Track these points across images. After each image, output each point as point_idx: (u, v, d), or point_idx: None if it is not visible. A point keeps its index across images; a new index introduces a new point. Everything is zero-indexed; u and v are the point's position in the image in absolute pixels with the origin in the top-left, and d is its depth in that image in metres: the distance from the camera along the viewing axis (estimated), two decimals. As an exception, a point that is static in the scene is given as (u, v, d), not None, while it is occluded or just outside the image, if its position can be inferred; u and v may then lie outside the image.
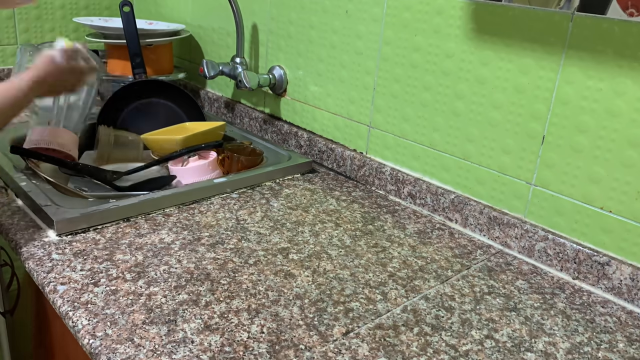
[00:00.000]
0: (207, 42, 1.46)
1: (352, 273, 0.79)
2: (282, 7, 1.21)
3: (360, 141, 1.12)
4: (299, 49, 1.20)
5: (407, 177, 1.02)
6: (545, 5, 0.80)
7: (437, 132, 0.97)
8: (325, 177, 1.13)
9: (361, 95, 1.09)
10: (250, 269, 0.78)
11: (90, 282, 0.71)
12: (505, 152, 0.89)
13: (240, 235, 0.86)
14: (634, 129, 0.74)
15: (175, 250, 0.81)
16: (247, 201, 0.98)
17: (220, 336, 0.64)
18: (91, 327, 0.64)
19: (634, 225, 0.77)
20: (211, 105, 1.48)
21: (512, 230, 0.89)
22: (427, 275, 0.80)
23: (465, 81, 0.91)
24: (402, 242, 0.89)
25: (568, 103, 0.80)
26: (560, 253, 0.83)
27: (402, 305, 0.73)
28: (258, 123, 1.33)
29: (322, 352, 0.63)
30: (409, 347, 0.65)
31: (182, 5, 1.51)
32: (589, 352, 0.68)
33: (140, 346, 0.61)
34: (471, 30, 0.89)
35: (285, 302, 0.71)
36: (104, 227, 0.85)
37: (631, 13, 0.71)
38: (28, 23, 1.52)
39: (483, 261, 0.86)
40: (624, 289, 0.78)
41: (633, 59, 0.73)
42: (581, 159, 0.80)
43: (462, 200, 0.94)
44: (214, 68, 1.26)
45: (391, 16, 1.00)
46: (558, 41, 0.79)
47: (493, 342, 0.68)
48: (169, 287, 0.72)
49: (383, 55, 1.03)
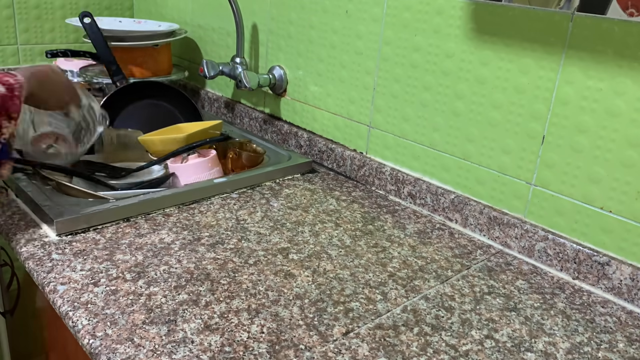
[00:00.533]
0: (207, 42, 1.46)
1: (352, 273, 0.79)
2: (282, 7, 1.21)
3: (360, 141, 1.12)
4: (299, 49, 1.20)
5: (407, 177, 1.02)
6: (545, 5, 0.80)
7: (437, 132, 0.97)
8: (325, 177, 1.13)
9: (361, 95, 1.09)
10: (250, 269, 0.78)
11: (90, 282, 0.71)
12: (505, 152, 0.89)
13: (240, 235, 0.86)
14: (634, 129, 0.74)
15: (175, 250, 0.81)
16: (247, 201, 0.98)
17: (220, 336, 0.64)
18: (91, 327, 0.64)
19: (634, 225, 0.77)
20: (211, 105, 1.48)
21: (512, 230, 0.89)
22: (427, 275, 0.80)
23: (465, 81, 0.91)
24: (402, 242, 0.89)
25: (568, 103, 0.80)
26: (560, 253, 0.83)
27: (402, 305, 0.73)
28: (258, 123, 1.33)
29: (322, 352, 0.63)
30: (409, 347, 0.65)
31: (182, 5, 1.51)
32: (589, 352, 0.68)
33: (140, 346, 0.61)
34: (471, 30, 0.89)
35: (285, 302, 0.71)
36: (104, 227, 0.85)
37: (631, 13, 0.71)
38: (28, 23, 1.52)
39: (483, 261, 0.86)
40: (624, 289, 0.78)
41: (633, 59, 0.73)
42: (581, 159, 0.80)
43: (462, 200, 0.94)
44: (214, 68, 1.26)
45: (391, 16, 1.00)
46: (558, 41, 0.79)
47: (493, 342, 0.68)
48: (169, 287, 0.72)
49: (383, 55, 1.03)
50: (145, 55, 1.35)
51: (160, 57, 1.39)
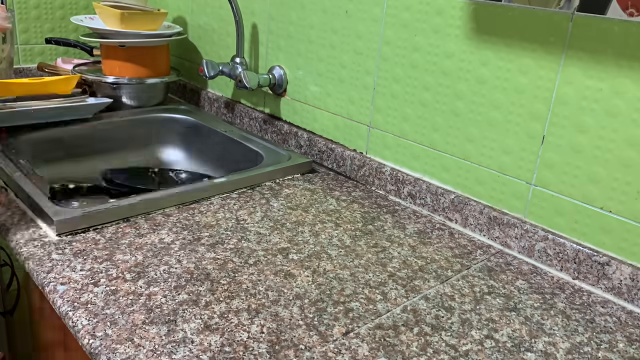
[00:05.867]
0: (207, 42, 1.46)
1: (352, 273, 0.79)
2: (282, 7, 1.21)
3: (360, 141, 1.12)
4: (298, 49, 1.20)
5: (407, 177, 1.02)
6: (545, 5, 0.80)
7: (437, 132, 0.98)
8: (325, 177, 1.13)
9: (361, 95, 1.09)
10: (250, 269, 0.78)
11: (90, 282, 0.71)
12: (505, 152, 0.89)
13: (240, 235, 0.86)
14: (634, 129, 0.74)
15: (175, 250, 0.81)
16: (247, 201, 0.98)
17: (220, 336, 0.64)
18: (91, 327, 0.64)
19: (634, 225, 0.77)
20: (211, 105, 1.48)
21: (512, 230, 0.89)
22: (427, 275, 0.80)
23: (465, 81, 0.91)
24: (402, 242, 0.89)
25: (568, 103, 0.80)
26: (560, 253, 0.83)
27: (402, 305, 0.73)
28: (258, 123, 1.33)
29: (322, 352, 0.63)
30: (409, 347, 0.65)
31: (182, 5, 1.51)
32: (589, 352, 0.68)
33: (140, 346, 0.61)
34: (471, 30, 0.89)
35: (285, 302, 0.71)
36: (104, 227, 0.85)
37: (631, 13, 0.71)
38: (28, 23, 1.52)
39: (483, 261, 0.86)
40: (624, 289, 0.78)
41: (633, 59, 0.73)
42: (581, 159, 0.80)
43: (462, 200, 0.94)
44: (214, 68, 1.26)
45: (391, 16, 1.00)
46: (558, 41, 0.79)
47: (493, 342, 0.68)
48: (168, 287, 0.72)
49: (383, 55, 1.03)
50: (144, 56, 1.35)
51: (159, 57, 1.39)
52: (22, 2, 1.49)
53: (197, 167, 1.33)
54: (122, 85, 1.34)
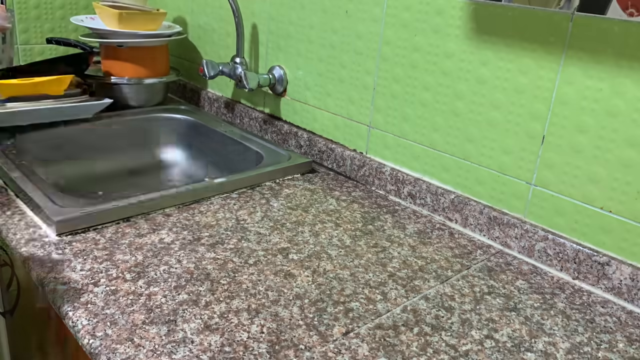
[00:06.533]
0: (207, 42, 1.46)
1: (352, 273, 0.79)
2: (282, 7, 1.21)
3: (360, 141, 1.12)
4: (298, 49, 1.20)
5: (407, 177, 1.02)
6: (545, 5, 0.80)
7: (437, 132, 0.98)
8: (325, 177, 1.13)
9: (361, 95, 1.09)
10: (250, 269, 0.78)
11: (90, 282, 0.71)
12: (505, 152, 0.89)
13: (240, 235, 0.86)
14: (634, 129, 0.74)
15: (175, 250, 0.81)
16: (247, 201, 0.98)
17: (220, 336, 0.64)
18: (91, 327, 0.64)
19: (634, 225, 0.77)
20: (211, 105, 1.48)
21: (512, 230, 0.89)
22: (427, 275, 0.80)
23: (465, 81, 0.91)
24: (402, 242, 0.89)
25: (568, 103, 0.80)
26: (560, 253, 0.83)
27: (402, 305, 0.73)
28: (258, 123, 1.33)
29: (322, 352, 0.63)
30: (409, 347, 0.65)
31: (181, 5, 1.51)
32: (589, 352, 0.68)
33: (140, 346, 0.61)
34: (471, 30, 0.89)
35: (285, 302, 0.71)
36: (104, 227, 0.85)
37: (631, 13, 0.71)
38: (28, 23, 1.52)
39: (483, 261, 0.86)
40: (624, 289, 0.78)
41: (633, 59, 0.73)
42: (581, 159, 0.80)
43: (462, 200, 0.94)
44: (214, 68, 1.26)
45: (391, 16, 1.00)
46: (558, 41, 0.79)
47: (493, 342, 0.68)
48: (168, 287, 0.72)
49: (383, 55, 1.03)
50: (143, 56, 1.35)
51: (159, 57, 1.39)
52: (22, 2, 1.49)
53: (197, 167, 1.33)
54: (122, 85, 1.34)
